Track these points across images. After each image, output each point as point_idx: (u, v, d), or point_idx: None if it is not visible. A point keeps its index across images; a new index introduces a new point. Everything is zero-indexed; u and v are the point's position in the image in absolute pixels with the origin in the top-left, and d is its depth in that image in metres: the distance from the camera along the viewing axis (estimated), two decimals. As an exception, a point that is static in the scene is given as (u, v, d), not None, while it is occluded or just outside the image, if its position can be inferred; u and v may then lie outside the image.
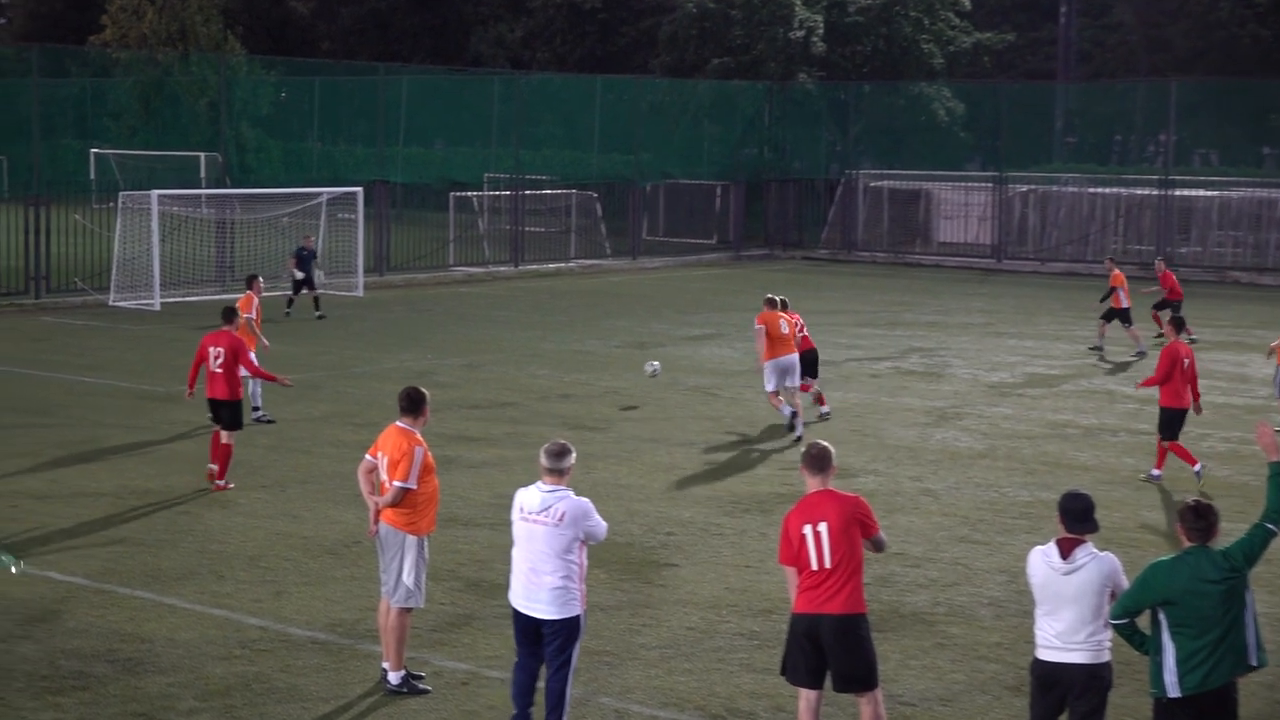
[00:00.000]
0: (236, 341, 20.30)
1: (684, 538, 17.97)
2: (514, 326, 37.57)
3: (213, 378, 20.22)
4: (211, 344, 20.33)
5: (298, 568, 16.41)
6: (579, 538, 11.34)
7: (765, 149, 67.98)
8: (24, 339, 34.30)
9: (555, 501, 11.34)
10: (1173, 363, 21.00)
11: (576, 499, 11.42)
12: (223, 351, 20.18)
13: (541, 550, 11.30)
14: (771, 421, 25.26)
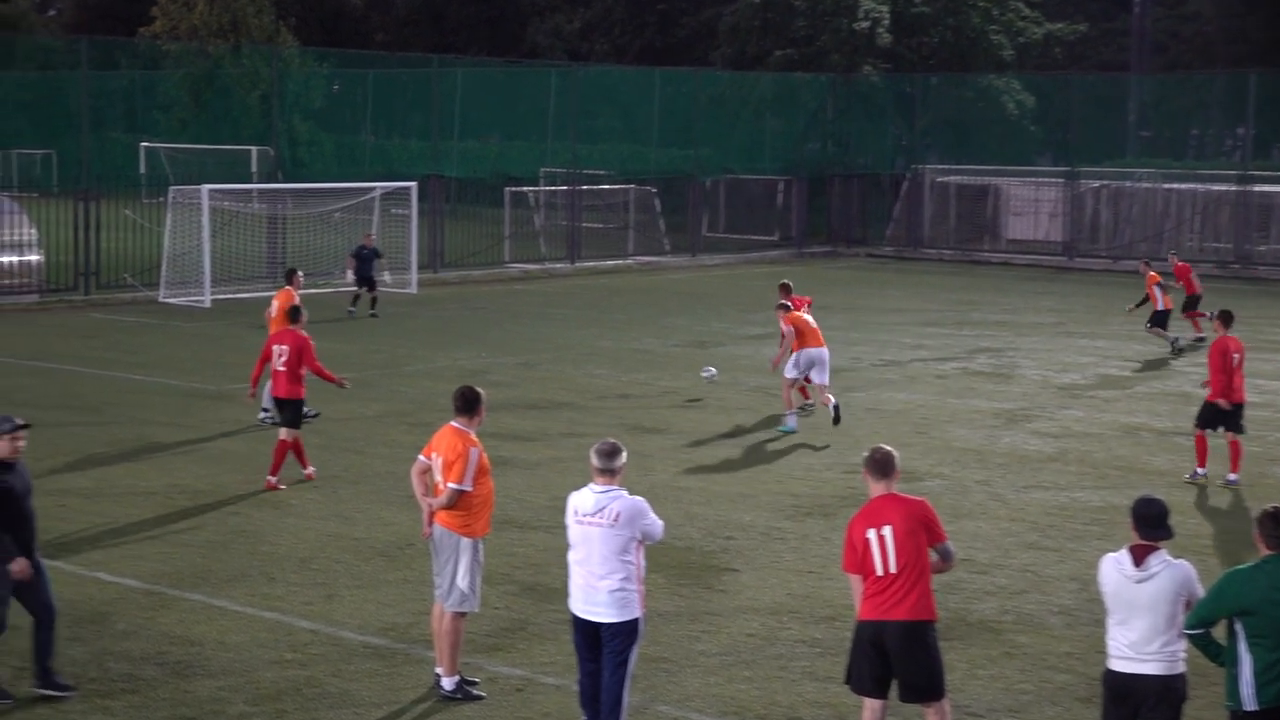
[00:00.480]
0: (302, 340, 20.60)
1: (744, 542, 17.95)
2: (570, 325, 37.61)
3: (275, 375, 20.59)
4: (276, 342, 20.71)
5: (350, 570, 16.48)
6: (635, 538, 11.35)
7: (829, 143, 67.83)
8: (73, 336, 34.59)
9: (609, 502, 11.35)
10: (1223, 357, 21.28)
11: (631, 498, 11.43)
12: (287, 349, 20.51)
13: (598, 552, 11.32)
14: (840, 426, 25.12)
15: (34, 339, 33.87)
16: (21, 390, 27.24)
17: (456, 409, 12.89)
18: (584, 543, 11.39)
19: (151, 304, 40.46)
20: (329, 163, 68.31)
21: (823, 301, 43.32)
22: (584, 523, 11.40)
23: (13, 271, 39.80)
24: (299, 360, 20.45)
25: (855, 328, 37.74)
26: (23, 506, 12.45)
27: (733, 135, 66.16)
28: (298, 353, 20.47)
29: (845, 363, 32.10)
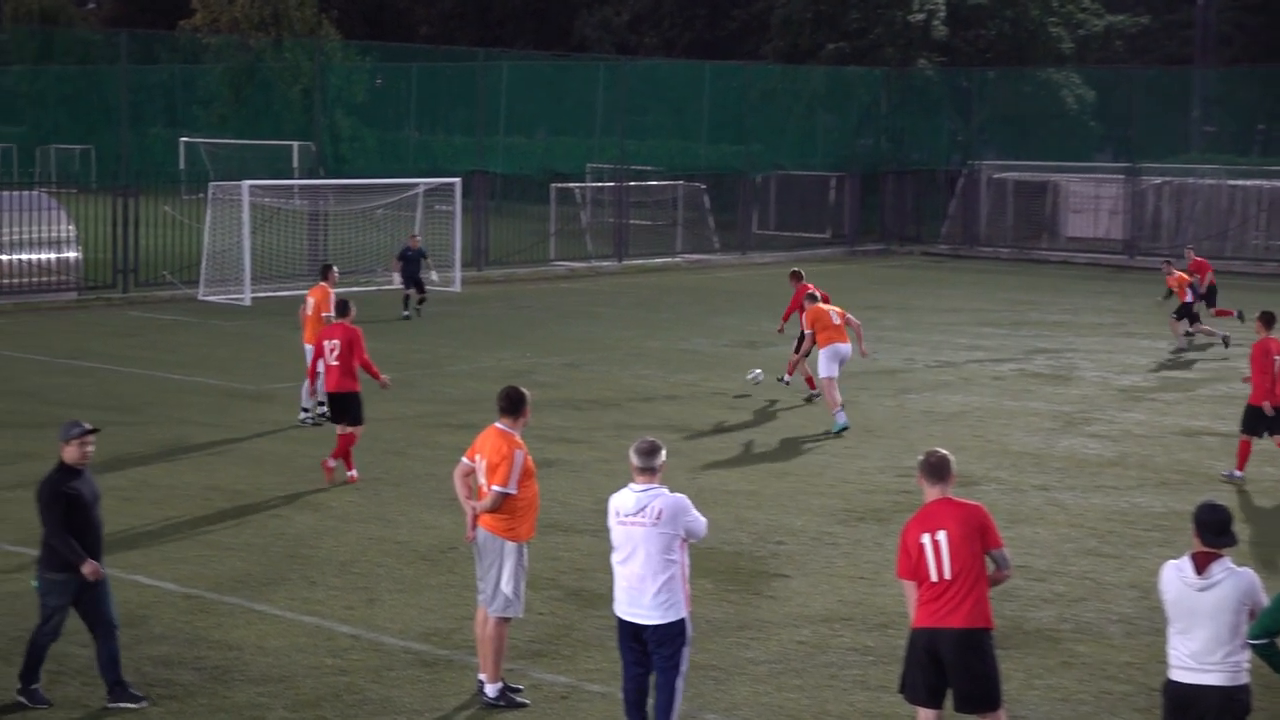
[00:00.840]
0: (352, 334, 20.91)
1: (795, 547, 17.92)
2: (617, 324, 37.63)
3: (328, 370, 20.88)
4: (326, 337, 21.02)
5: (391, 574, 16.53)
6: (679, 535, 11.36)
7: (882, 139, 67.67)
8: (111, 334, 34.79)
9: (651, 500, 11.37)
10: (1265, 359, 21.45)
11: (672, 495, 11.46)
12: (338, 344, 20.82)
13: (642, 552, 11.32)
14: (892, 426, 25.16)
15: (72, 337, 34.09)
16: (59, 390, 27.42)
17: (501, 410, 12.90)
18: (627, 543, 11.39)
19: (191, 302, 40.67)
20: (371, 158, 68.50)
21: (876, 301, 43.27)
22: (626, 523, 11.40)
23: (50, 269, 40.05)
24: (350, 353, 20.76)
25: (909, 328, 37.65)
26: (91, 515, 12.47)
27: (784, 130, 66.05)
28: (349, 346, 20.80)
29: (899, 364, 32.04)
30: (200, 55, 78.74)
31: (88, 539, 12.40)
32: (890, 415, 26.38)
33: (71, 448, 12.52)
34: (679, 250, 56.30)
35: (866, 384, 29.43)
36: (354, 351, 20.83)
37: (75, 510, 12.34)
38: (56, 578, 12.38)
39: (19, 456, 21.88)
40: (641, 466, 11.48)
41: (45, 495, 12.38)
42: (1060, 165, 62.17)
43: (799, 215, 63.05)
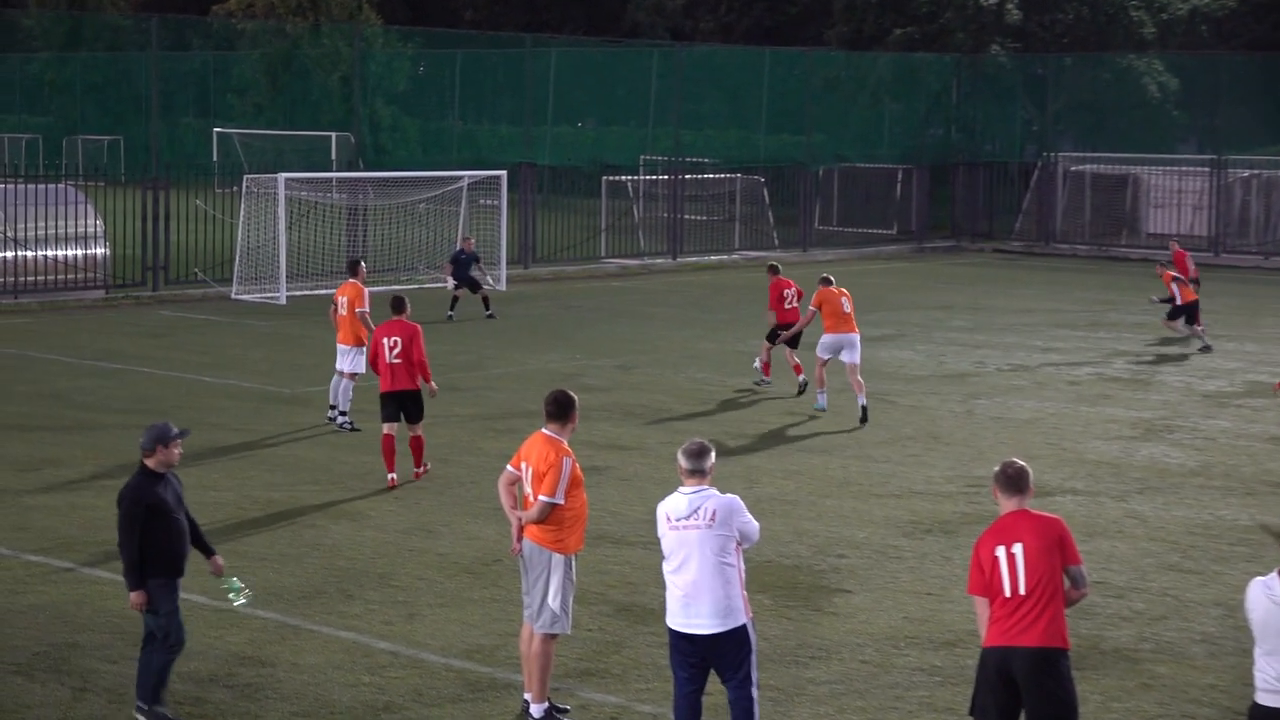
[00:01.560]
0: (413, 330, 21.14)
1: (857, 561, 17.88)
2: (671, 325, 37.64)
3: (392, 370, 21.06)
4: (385, 334, 21.16)
5: (432, 588, 16.56)
6: (734, 537, 11.38)
7: (952, 129, 67.49)
8: (140, 334, 35.00)
9: (703, 502, 11.40)
10: None
11: (724, 495, 11.51)
12: (399, 341, 21.02)
13: (697, 558, 11.33)
14: (961, 433, 25.09)
15: (99, 337, 34.30)
16: (85, 392, 27.60)
17: (548, 415, 12.91)
18: (681, 549, 11.40)
19: (223, 301, 40.87)
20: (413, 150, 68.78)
21: (945, 300, 43.16)
22: (679, 528, 11.41)
23: (77, 266, 40.31)
24: (411, 349, 21.01)
25: (980, 329, 37.53)
26: (175, 520, 12.53)
27: (848, 120, 65.96)
28: (410, 343, 21.03)
29: (969, 367, 31.96)
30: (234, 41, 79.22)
31: (175, 545, 12.49)
32: (959, 421, 26.30)
33: (171, 450, 12.56)
34: (736, 247, 56.28)
35: (935, 388, 29.37)
36: (414, 348, 21.06)
37: (158, 517, 12.42)
38: (156, 582, 12.45)
39: (43, 462, 22.03)
40: (690, 468, 11.50)
41: (125, 503, 12.44)
42: (1141, 157, 61.86)
43: (863, 210, 62.94)
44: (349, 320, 24.48)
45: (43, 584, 16.43)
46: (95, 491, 20.43)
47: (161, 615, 12.52)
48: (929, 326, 38.02)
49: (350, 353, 24.47)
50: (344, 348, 24.55)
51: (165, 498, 12.49)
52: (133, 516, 12.37)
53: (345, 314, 24.53)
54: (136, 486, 12.49)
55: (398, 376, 21.09)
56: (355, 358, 24.44)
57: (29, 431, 24.21)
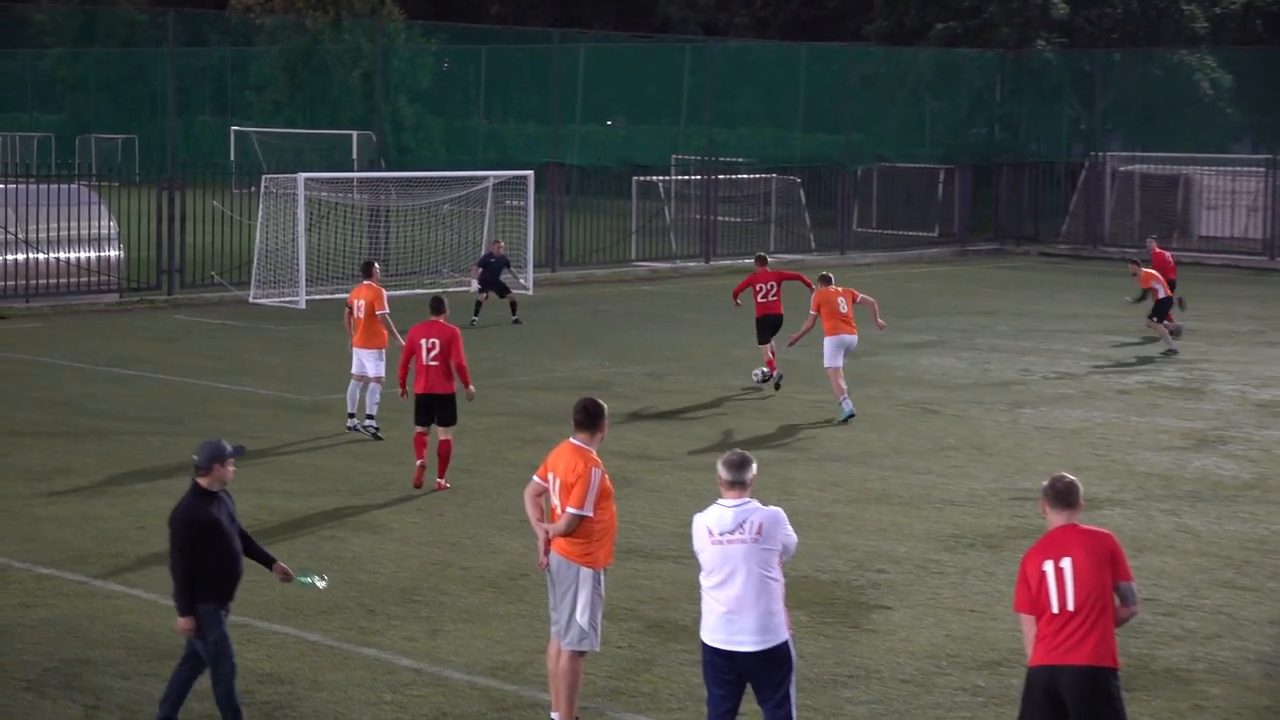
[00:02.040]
0: (451, 332, 21.37)
1: (897, 576, 17.85)
2: (704, 330, 37.62)
3: (427, 372, 21.27)
4: (423, 335, 21.33)
5: (456, 602, 16.57)
6: (777, 551, 11.40)
7: (996, 127, 67.40)
8: (155, 339, 35.09)
9: (748, 515, 11.40)
10: None
11: (768, 508, 11.53)
12: (437, 343, 21.24)
13: (743, 572, 11.33)
14: (1006, 443, 25.05)
15: (112, 342, 34.41)
16: (98, 399, 27.68)
17: (576, 424, 12.91)
18: (724, 564, 11.39)
19: (241, 305, 40.96)
20: (437, 149, 68.90)
21: (989, 306, 43.08)
22: (723, 542, 11.40)
23: (90, 268, 40.45)
24: (449, 352, 21.21)
25: (1025, 335, 37.45)
26: (230, 542, 12.45)
27: (887, 119, 65.89)
28: (449, 345, 21.24)
29: (1014, 375, 31.89)
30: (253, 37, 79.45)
31: (228, 568, 12.41)
32: (1003, 431, 26.25)
33: (226, 469, 12.47)
34: (772, 249, 56.20)
35: (979, 397, 29.32)
36: (453, 351, 21.25)
37: (211, 539, 12.31)
38: (205, 608, 12.36)
39: (54, 472, 22.10)
40: (731, 480, 11.50)
41: (179, 524, 12.35)
42: (1193, 157, 61.68)
43: (903, 212, 62.88)
44: (367, 324, 24.51)
45: (54, 598, 16.48)
46: (108, 502, 20.49)
47: (209, 642, 12.41)
48: (972, 333, 37.95)
49: (372, 356, 24.51)
50: (366, 352, 24.57)
51: (219, 518, 12.38)
52: (184, 537, 12.27)
53: (363, 317, 24.56)
54: (189, 506, 12.37)
55: (432, 379, 21.29)
56: (376, 361, 24.51)
57: (40, 439, 24.28)
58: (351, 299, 24.92)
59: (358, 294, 24.83)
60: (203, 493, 12.44)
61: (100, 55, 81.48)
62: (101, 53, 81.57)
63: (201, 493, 12.43)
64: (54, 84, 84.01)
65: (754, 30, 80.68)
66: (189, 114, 73.58)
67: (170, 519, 12.45)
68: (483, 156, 64.91)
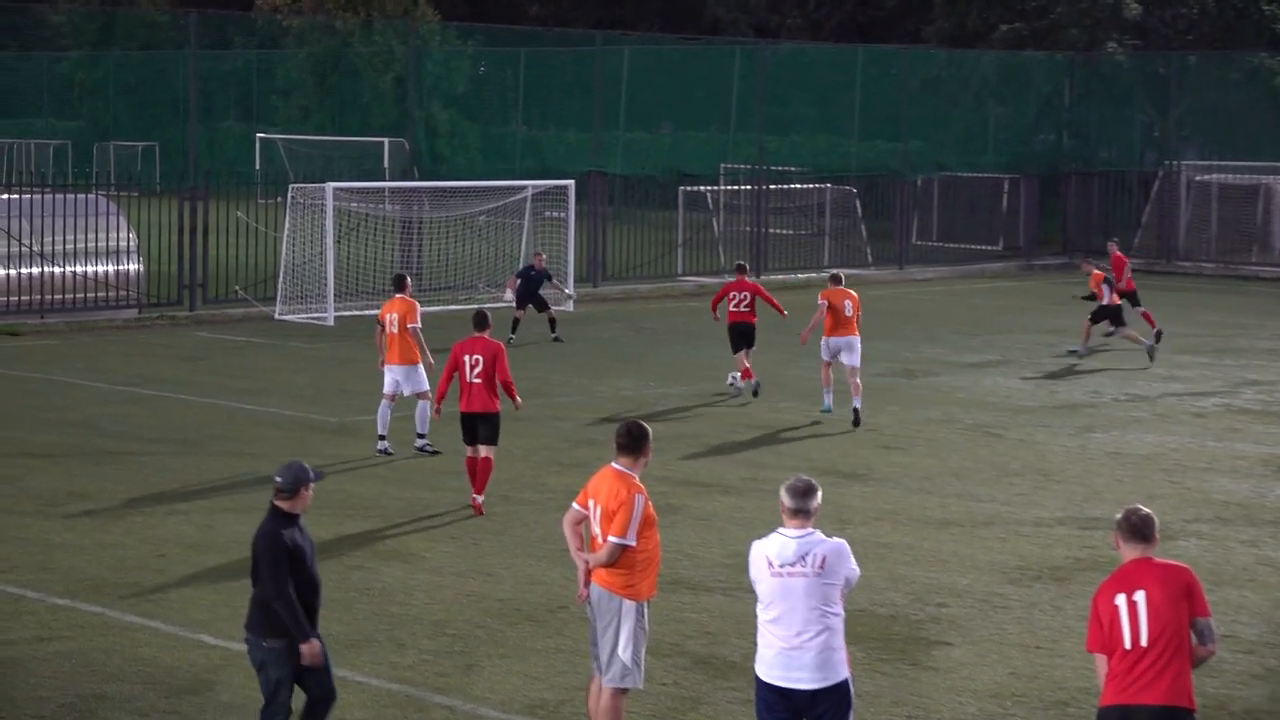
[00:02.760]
0: (496, 348, 21.57)
1: (959, 610, 17.79)
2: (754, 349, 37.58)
3: (470, 389, 21.47)
4: (466, 351, 21.53)
5: (492, 636, 16.57)
6: (839, 586, 11.39)
7: (1064, 134, 67.25)
8: (176, 357, 35.22)
9: (811, 546, 11.38)
10: None
11: (832, 540, 11.52)
12: (481, 359, 21.43)
13: (802, 606, 11.32)
14: (1074, 470, 24.98)
15: (131, 360, 34.54)
16: (116, 419, 27.79)
17: (619, 448, 12.90)
18: (783, 597, 11.37)
19: (266, 321, 41.07)
20: (473, 157, 69.04)
21: (1055, 324, 42.96)
22: (782, 574, 11.39)
23: (108, 282, 40.60)
24: (493, 369, 21.39)
25: (1094, 356, 37.32)
26: (313, 571, 12.37)
27: (949, 125, 65.80)
28: (492, 361, 21.42)
29: (1082, 397, 31.79)
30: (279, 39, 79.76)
31: (307, 600, 12.28)
32: (1072, 457, 26.16)
33: (304, 494, 12.36)
34: (826, 264, 56.14)
35: (1045, 420, 29.23)
36: (498, 367, 21.43)
37: (296, 566, 12.21)
38: (275, 645, 12.22)
39: (70, 496, 22.18)
40: (795, 508, 11.47)
41: (268, 549, 12.20)
42: (1274, 165, 61.42)
43: (966, 223, 62.75)
44: (401, 339, 24.60)
45: (69, 630, 16.53)
46: (126, 529, 20.56)
47: (270, 679, 12.29)
48: (1038, 352, 37.84)
49: (406, 372, 24.66)
50: (401, 369, 24.67)
51: (303, 545, 12.28)
52: (279, 559, 12.10)
53: (396, 332, 24.65)
54: (275, 531, 12.20)
55: (475, 397, 21.50)
56: (415, 376, 24.66)
57: (55, 462, 24.38)
58: (383, 314, 25.01)
59: (390, 308, 24.92)
60: (285, 516, 12.30)
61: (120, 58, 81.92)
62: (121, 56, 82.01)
63: (284, 516, 12.30)
64: (71, 88, 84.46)
65: (807, 32, 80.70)
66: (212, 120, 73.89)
67: (256, 545, 12.27)
68: (521, 165, 65.05)
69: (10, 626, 16.56)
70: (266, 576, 12.17)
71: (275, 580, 12.13)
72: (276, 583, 12.13)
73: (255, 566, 12.28)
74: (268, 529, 12.25)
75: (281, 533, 12.19)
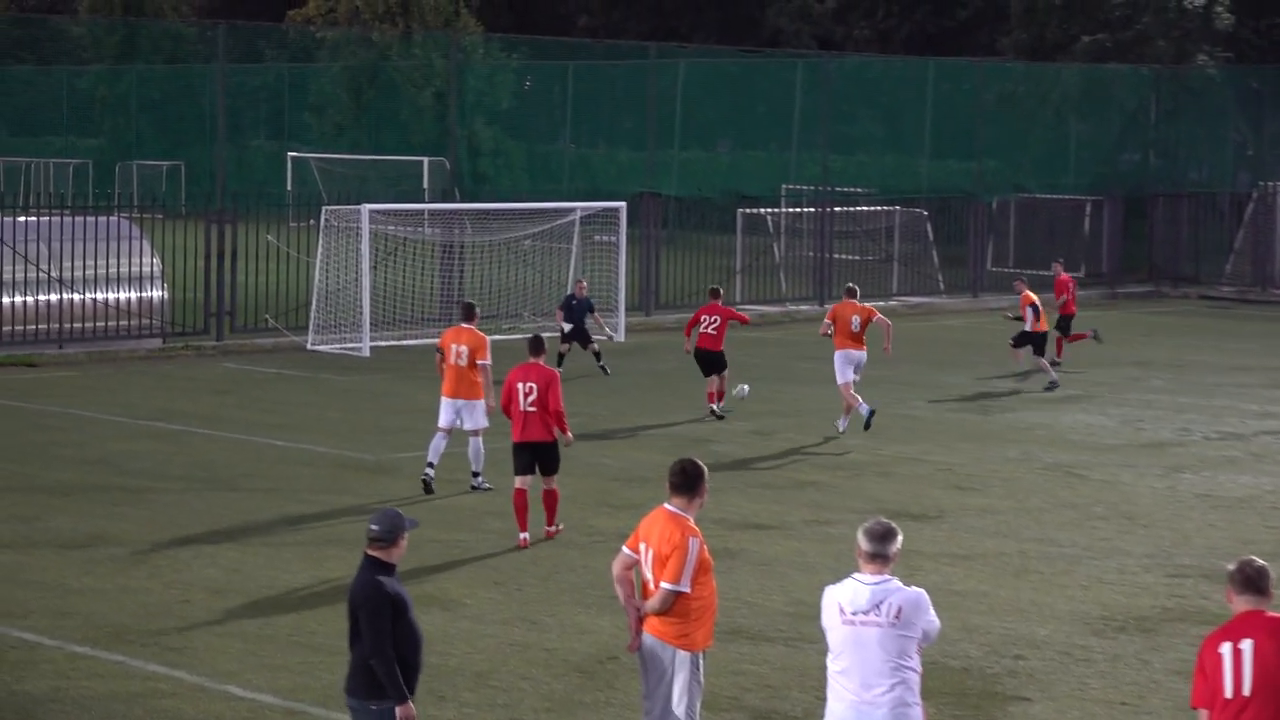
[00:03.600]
0: (549, 375, 22.19)
1: (1038, 663, 17.74)
2: (817, 382, 37.53)
3: (525, 419, 22.04)
4: (520, 379, 22.09)
5: (537, 689, 16.57)
6: (915, 639, 11.37)
7: (1151, 153, 67.05)
8: (202, 391, 35.35)
9: (887, 595, 11.38)
10: None
11: (910, 589, 11.52)
12: (535, 387, 22.05)
13: (875, 659, 11.32)
14: (1162, 513, 24.89)
15: (155, 393, 34.68)
16: (138, 456, 27.89)
17: (673, 487, 12.91)
18: (855, 648, 11.37)
19: (297, 352, 41.19)
20: (518, 177, 69.17)
21: (1141, 355, 42.82)
22: (855, 622, 11.39)
23: (130, 310, 40.74)
24: (548, 398, 21.95)
25: (1184, 390, 37.19)
26: (413, 627, 12.19)
27: (1026, 143, 65.68)
28: (546, 389, 21.99)
29: (1170, 435, 31.67)
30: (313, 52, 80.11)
31: (409, 656, 12.13)
32: (1159, 499, 26.05)
33: (402, 543, 12.23)
34: (895, 291, 56.14)
35: (1130, 459, 29.13)
36: (551, 395, 22.04)
37: (399, 619, 12.06)
38: (382, 707, 12.04)
39: (91, 539, 22.26)
40: (873, 552, 11.49)
41: (369, 600, 12.03)
42: (1377, 187, 61.19)
43: (1044, 248, 62.45)
44: (465, 372, 24.87)
45: (88, 679, 16.58)
46: (149, 572, 20.63)
47: None
48: (1123, 387, 37.71)
49: (469, 407, 24.98)
50: (465, 403, 24.86)
51: (404, 596, 12.13)
52: (381, 612, 11.94)
53: (464, 365, 24.79)
54: (376, 581, 12.02)
55: (531, 426, 22.03)
56: (475, 411, 24.97)
57: (74, 502, 24.47)
58: (446, 343, 25.27)
59: (456, 338, 25.18)
60: (383, 566, 12.15)
61: (143, 73, 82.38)
62: (145, 70, 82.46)
63: (382, 566, 12.15)
64: (92, 104, 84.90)
65: (875, 44, 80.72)
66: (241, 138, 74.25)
67: (355, 598, 12.08)
68: (569, 186, 65.14)
69: (26, 675, 16.63)
70: (369, 631, 11.98)
71: (378, 635, 11.95)
72: (380, 638, 11.95)
73: (354, 622, 12.11)
74: (367, 579, 12.10)
75: (383, 583, 12.05)
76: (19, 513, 23.62)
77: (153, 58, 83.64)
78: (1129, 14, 69.40)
